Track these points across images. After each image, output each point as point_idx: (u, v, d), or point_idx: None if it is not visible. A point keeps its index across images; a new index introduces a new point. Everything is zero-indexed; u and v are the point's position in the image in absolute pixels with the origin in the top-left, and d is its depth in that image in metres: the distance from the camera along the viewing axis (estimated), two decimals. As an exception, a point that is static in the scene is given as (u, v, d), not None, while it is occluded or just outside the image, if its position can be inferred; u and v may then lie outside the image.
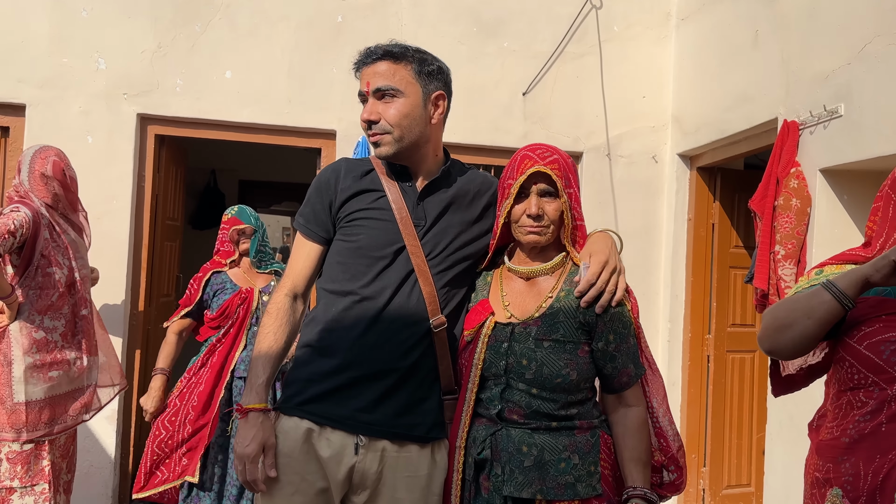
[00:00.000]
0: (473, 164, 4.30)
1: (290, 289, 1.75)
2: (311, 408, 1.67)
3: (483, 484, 1.64)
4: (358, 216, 1.73)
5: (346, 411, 1.65)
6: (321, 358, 1.69)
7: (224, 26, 4.03)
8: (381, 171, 1.78)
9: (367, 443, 1.65)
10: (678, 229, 4.36)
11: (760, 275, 3.17)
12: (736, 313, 4.31)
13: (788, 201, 3.11)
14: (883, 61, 2.75)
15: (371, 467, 1.65)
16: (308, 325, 1.76)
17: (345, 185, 1.76)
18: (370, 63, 1.74)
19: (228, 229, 3.32)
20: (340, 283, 1.71)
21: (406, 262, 1.69)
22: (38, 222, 2.70)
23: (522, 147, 1.77)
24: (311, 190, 1.81)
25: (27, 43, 3.83)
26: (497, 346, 1.66)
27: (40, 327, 2.72)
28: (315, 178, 1.84)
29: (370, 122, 1.72)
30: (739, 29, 3.75)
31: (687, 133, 4.27)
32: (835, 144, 2.98)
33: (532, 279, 1.73)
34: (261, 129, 4.12)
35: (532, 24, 4.34)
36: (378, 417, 1.65)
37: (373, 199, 1.75)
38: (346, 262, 1.72)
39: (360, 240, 1.71)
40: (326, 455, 1.64)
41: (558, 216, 1.69)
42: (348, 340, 1.67)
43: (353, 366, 1.66)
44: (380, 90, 1.71)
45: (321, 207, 1.77)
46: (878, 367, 1.47)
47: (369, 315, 1.67)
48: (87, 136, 3.87)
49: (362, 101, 1.76)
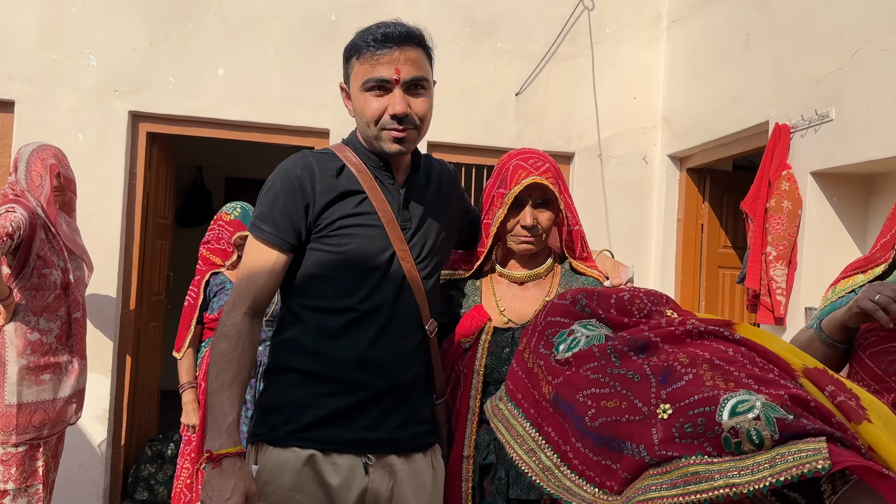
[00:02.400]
0: (466, 163, 4.33)
1: (251, 307, 1.50)
2: (312, 434, 1.51)
3: (487, 488, 1.65)
4: (344, 223, 1.53)
5: (352, 433, 1.52)
6: (317, 381, 1.52)
7: (217, 23, 4.00)
8: (356, 167, 1.56)
9: (375, 461, 1.53)
10: (668, 229, 4.42)
11: (752, 275, 3.22)
12: (724, 313, 4.37)
13: (780, 203, 3.16)
14: (874, 67, 2.81)
15: (382, 486, 1.54)
16: (283, 347, 1.57)
17: (323, 186, 1.53)
18: (398, 46, 1.49)
19: (230, 231, 3.29)
20: (332, 300, 1.53)
21: (398, 268, 1.56)
22: (35, 223, 2.67)
23: (511, 153, 1.76)
24: (275, 190, 1.53)
25: (16, 38, 3.78)
26: (498, 352, 1.67)
27: (35, 329, 2.70)
28: (276, 175, 1.55)
29: (404, 115, 1.50)
30: (731, 32, 3.80)
31: (677, 134, 4.32)
32: (825, 148, 3.04)
33: (524, 284, 1.76)
34: (253, 128, 4.11)
35: (525, 25, 4.37)
36: (384, 433, 1.54)
37: (356, 202, 1.54)
38: (334, 275, 1.53)
39: (351, 250, 1.52)
40: (336, 483, 1.50)
41: (550, 224, 1.72)
42: (351, 360, 1.52)
43: (358, 386, 1.52)
44: (413, 81, 1.51)
45: (294, 211, 1.51)
46: (878, 376, 1.55)
47: (371, 332, 1.53)
48: (77, 133, 3.83)
49: (374, 88, 1.51)
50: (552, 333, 1.32)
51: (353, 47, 1.54)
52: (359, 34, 1.54)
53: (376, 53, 1.49)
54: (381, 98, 1.51)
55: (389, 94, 1.50)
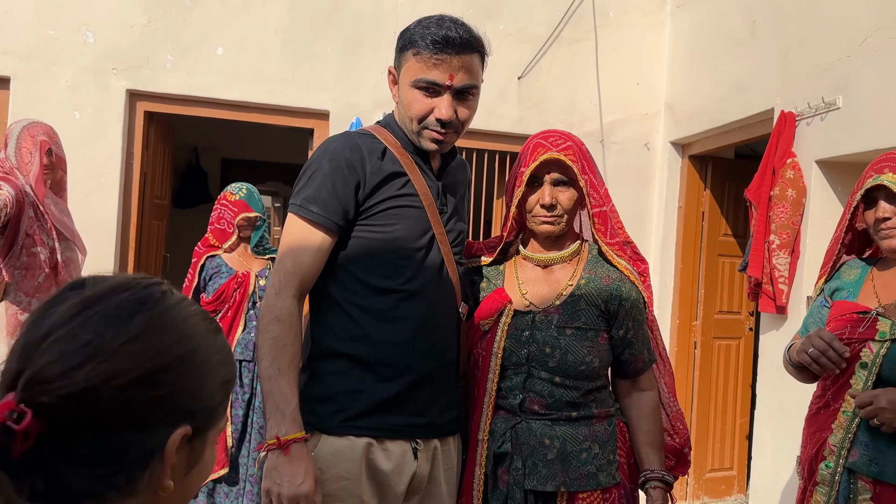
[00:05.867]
0: (467, 148, 4.30)
1: (299, 289, 1.49)
2: (366, 422, 1.50)
3: (502, 477, 1.62)
4: (390, 204, 1.53)
5: (403, 419, 1.53)
6: (365, 366, 1.52)
7: (216, 1, 3.94)
8: (398, 150, 1.58)
9: (423, 446, 1.55)
10: (668, 216, 4.40)
11: (755, 263, 3.21)
12: (723, 300, 4.37)
13: (784, 191, 3.15)
14: (883, 55, 2.78)
15: (425, 469, 1.56)
16: (328, 332, 1.55)
17: (373, 167, 1.53)
18: (457, 53, 1.48)
19: (233, 211, 3.23)
20: (376, 281, 1.53)
21: (437, 251, 1.58)
22: (23, 201, 2.61)
23: (535, 134, 1.74)
24: (323, 170, 1.51)
25: (11, 13, 3.71)
26: (518, 335, 1.63)
27: (27, 310, 2.66)
28: (322, 155, 1.54)
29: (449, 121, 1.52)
30: (737, 18, 3.77)
31: (680, 121, 4.29)
32: (831, 136, 3.02)
33: (549, 267, 1.71)
34: (252, 108, 4.05)
35: (528, 8, 4.32)
36: (430, 418, 1.56)
37: (400, 184, 1.56)
38: (379, 256, 1.52)
39: (397, 230, 1.53)
40: (388, 469, 1.51)
41: (572, 205, 1.67)
42: (399, 344, 1.52)
43: (408, 370, 1.53)
44: (465, 88, 1.51)
45: (345, 192, 1.50)
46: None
47: (417, 313, 1.53)
48: (74, 111, 3.77)
49: (426, 87, 1.51)
50: None
51: (410, 40, 1.53)
52: (419, 27, 1.53)
53: (434, 56, 1.48)
54: (429, 98, 1.52)
55: (439, 96, 1.51)
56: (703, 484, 4.31)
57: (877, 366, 1.68)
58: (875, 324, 1.71)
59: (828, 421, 1.77)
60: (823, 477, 1.73)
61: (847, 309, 1.79)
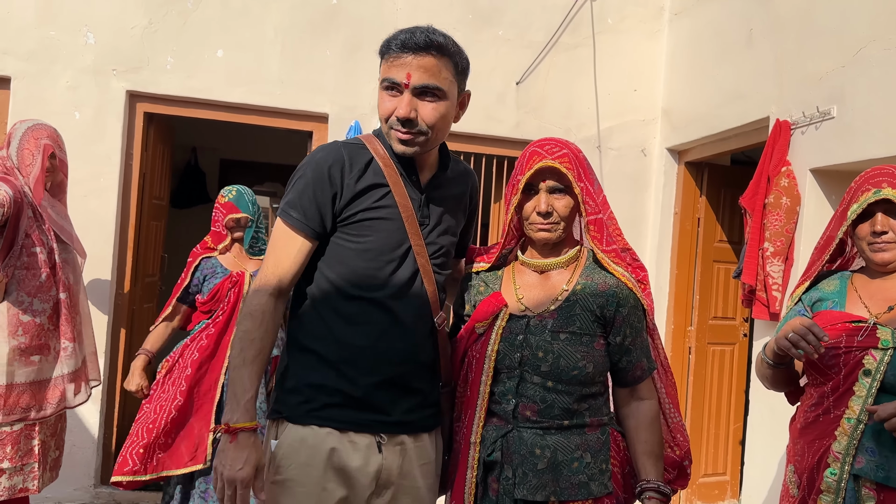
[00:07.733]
0: (465, 152, 4.32)
1: (276, 288, 1.59)
2: (330, 413, 1.60)
3: (492, 485, 1.63)
4: (366, 216, 1.61)
5: (367, 415, 1.61)
6: (331, 364, 1.61)
7: (216, 4, 3.96)
8: (384, 161, 1.64)
9: (388, 440, 1.62)
10: (664, 222, 4.43)
11: (749, 270, 3.24)
12: (718, 307, 4.40)
13: (779, 199, 3.17)
14: (877, 66, 2.81)
15: (394, 463, 1.63)
16: (300, 326, 1.66)
17: (351, 179, 1.61)
18: (414, 53, 1.56)
19: (223, 213, 3.26)
20: (346, 288, 1.61)
21: (412, 262, 1.64)
22: (21, 201, 2.61)
23: (533, 142, 1.77)
24: (306, 178, 1.61)
25: (12, 13, 3.72)
26: (512, 339, 1.65)
27: (28, 310, 2.66)
28: (307, 163, 1.64)
29: (407, 119, 1.58)
30: (733, 27, 3.80)
31: (676, 128, 4.32)
32: (826, 145, 3.05)
33: (546, 272, 1.73)
34: (252, 110, 4.07)
35: (527, 14, 4.35)
36: (397, 416, 1.63)
37: (379, 195, 1.62)
38: (351, 264, 1.62)
39: (369, 242, 1.61)
40: (353, 459, 1.59)
41: (568, 212, 1.68)
42: (362, 347, 1.60)
43: (370, 372, 1.61)
44: (423, 88, 1.57)
45: (323, 201, 1.59)
46: (819, 368, 1.82)
47: (381, 320, 1.61)
48: (74, 111, 3.79)
49: (389, 88, 1.60)
50: None
51: (384, 47, 1.62)
52: (390, 35, 1.63)
53: (393, 55, 1.58)
54: (393, 99, 1.60)
55: (401, 95, 1.59)
56: (696, 489, 4.33)
57: (881, 373, 1.70)
58: (874, 332, 1.74)
59: (829, 428, 1.77)
60: (829, 484, 1.73)
61: (837, 318, 1.81)
